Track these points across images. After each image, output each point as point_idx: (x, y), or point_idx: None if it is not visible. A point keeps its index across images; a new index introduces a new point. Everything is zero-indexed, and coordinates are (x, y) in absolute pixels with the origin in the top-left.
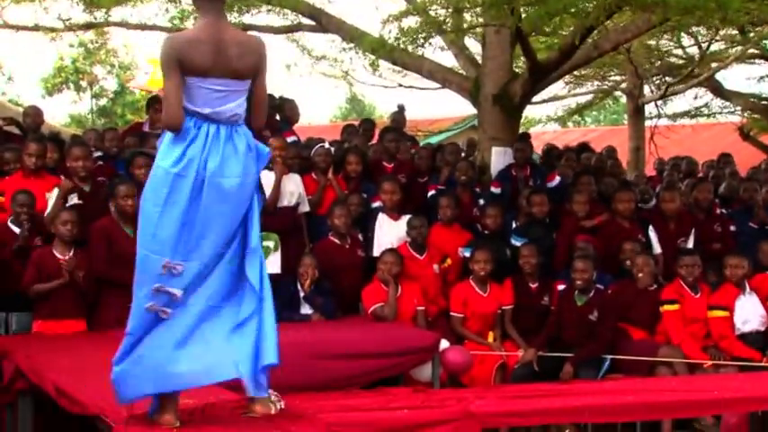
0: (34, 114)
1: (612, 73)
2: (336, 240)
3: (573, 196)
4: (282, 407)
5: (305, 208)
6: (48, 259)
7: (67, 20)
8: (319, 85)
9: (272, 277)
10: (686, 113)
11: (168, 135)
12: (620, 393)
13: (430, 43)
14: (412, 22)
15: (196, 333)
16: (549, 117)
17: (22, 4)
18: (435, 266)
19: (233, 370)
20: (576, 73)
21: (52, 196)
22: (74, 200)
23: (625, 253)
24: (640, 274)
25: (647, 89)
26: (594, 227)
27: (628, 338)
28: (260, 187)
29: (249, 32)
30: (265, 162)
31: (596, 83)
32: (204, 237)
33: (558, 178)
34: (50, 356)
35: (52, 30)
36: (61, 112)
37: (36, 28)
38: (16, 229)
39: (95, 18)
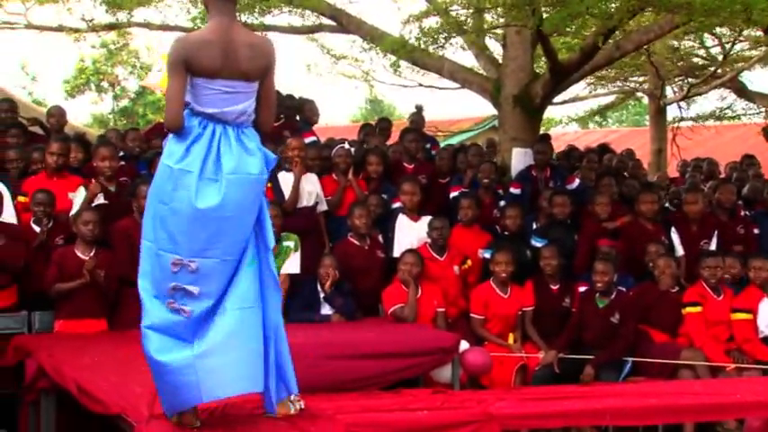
0: (58, 115)
1: (634, 74)
2: (356, 241)
3: (594, 198)
4: (302, 407)
5: (323, 207)
6: (69, 259)
7: (91, 21)
8: (339, 86)
9: (293, 277)
10: (710, 115)
11: (175, 134)
12: (641, 396)
13: (450, 43)
14: (432, 22)
15: (236, 339)
16: (569, 118)
17: (46, 5)
18: (456, 268)
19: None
20: (597, 74)
21: (76, 196)
22: (100, 200)
23: (650, 255)
24: (662, 276)
25: (669, 90)
26: (617, 229)
27: (649, 341)
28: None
29: (260, 34)
30: (271, 167)
31: (618, 84)
32: (223, 234)
33: (577, 181)
34: (72, 355)
35: (75, 30)
36: (83, 112)
37: (60, 29)
38: (37, 229)
39: (118, 19)
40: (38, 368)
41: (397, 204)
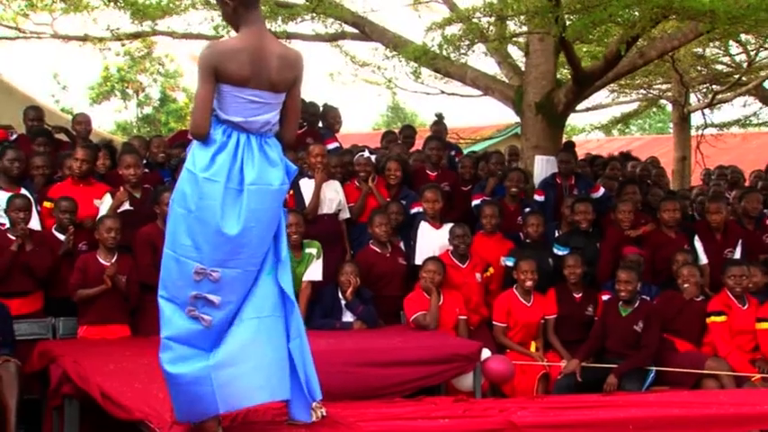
0: (84, 122)
1: (658, 81)
2: (377, 249)
3: (618, 206)
4: (324, 414)
5: (345, 215)
6: (92, 265)
7: (116, 29)
8: (361, 93)
9: (315, 285)
10: (734, 122)
11: (200, 142)
12: (665, 406)
13: (473, 51)
14: (455, 29)
15: (253, 348)
16: (593, 126)
17: (72, 15)
18: (477, 275)
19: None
20: (620, 81)
21: (103, 203)
22: (125, 206)
23: (675, 264)
24: (686, 285)
25: (693, 98)
26: (639, 237)
27: (674, 350)
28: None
29: (290, 45)
30: (292, 178)
31: (641, 91)
32: (245, 245)
33: (602, 190)
34: (96, 361)
35: (100, 40)
36: (107, 120)
37: (85, 38)
38: (61, 236)
39: (142, 28)
40: (62, 374)
41: (415, 210)
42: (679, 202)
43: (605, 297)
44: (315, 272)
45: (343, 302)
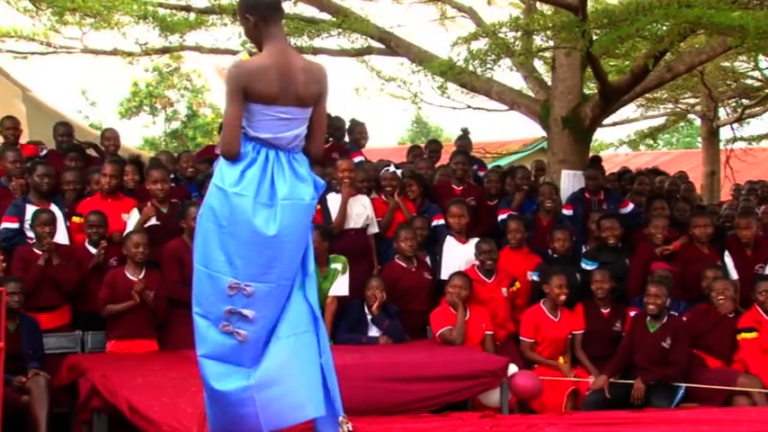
0: (112, 138)
1: (686, 95)
2: (403, 263)
3: (651, 221)
4: (351, 429)
5: (374, 230)
6: (120, 280)
7: (144, 44)
8: (386, 108)
9: (341, 299)
10: (764, 136)
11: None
12: (695, 423)
13: (499, 65)
14: (481, 44)
15: (293, 366)
16: (620, 140)
17: (102, 30)
18: (504, 290)
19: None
20: (648, 95)
21: (130, 218)
22: (152, 221)
23: (706, 279)
24: (720, 299)
25: (722, 112)
26: (671, 252)
27: (704, 367)
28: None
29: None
30: (320, 193)
31: (669, 105)
32: (279, 259)
33: (631, 205)
34: (124, 375)
35: (129, 54)
36: (136, 135)
37: (114, 52)
38: (93, 250)
39: (170, 42)
40: (91, 387)
41: (435, 222)
42: (710, 218)
43: (633, 313)
44: (341, 287)
45: (369, 317)
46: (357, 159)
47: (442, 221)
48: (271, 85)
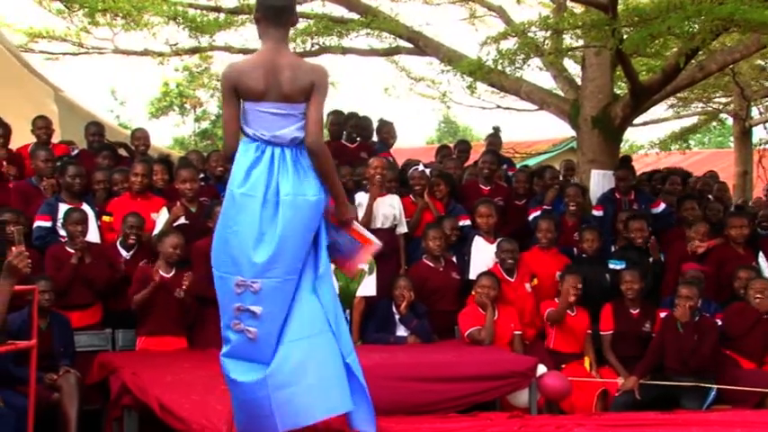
0: (143, 137)
1: (718, 94)
2: (430, 263)
3: (691, 225)
4: None
5: (402, 229)
6: (151, 275)
7: (174, 45)
8: (414, 108)
9: (368, 299)
10: None
11: (235, 160)
12: (726, 425)
13: (528, 65)
14: (510, 44)
15: (307, 367)
16: (651, 143)
17: (132, 31)
18: (527, 285)
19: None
20: (679, 95)
21: (159, 217)
22: (181, 220)
23: (740, 280)
24: (758, 298)
25: (754, 111)
26: (705, 252)
27: (737, 368)
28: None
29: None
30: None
31: (700, 105)
32: (281, 255)
33: (663, 205)
34: (154, 373)
35: (160, 54)
36: (165, 134)
37: (145, 53)
38: (124, 252)
39: (200, 43)
40: (121, 385)
41: (462, 222)
42: (747, 218)
43: (663, 314)
44: (368, 287)
45: (397, 317)
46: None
47: (467, 222)
48: (258, 81)
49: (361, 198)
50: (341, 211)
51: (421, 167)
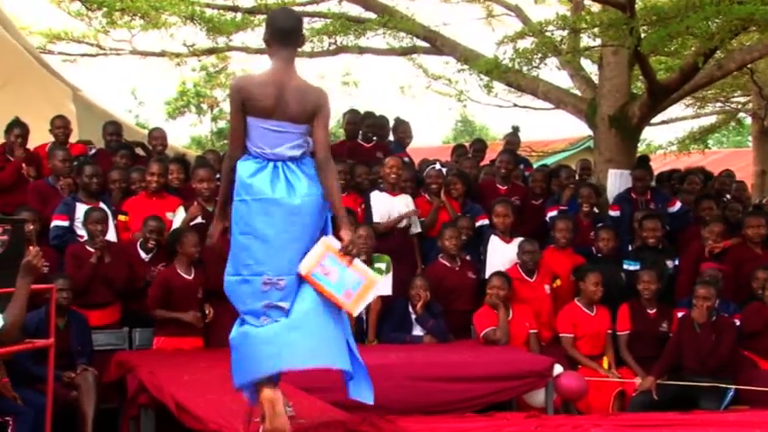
0: (160, 137)
1: (736, 94)
2: (447, 262)
3: (708, 224)
4: (291, 414)
5: (416, 229)
6: (175, 279)
7: (192, 45)
8: (431, 107)
9: (384, 299)
10: None
11: (240, 171)
12: (745, 426)
13: (545, 64)
14: (527, 43)
15: (314, 317)
16: (669, 142)
17: (150, 31)
18: (546, 287)
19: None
20: (697, 94)
21: (175, 216)
22: (198, 219)
23: (758, 281)
24: None
25: None
26: (722, 252)
27: (755, 368)
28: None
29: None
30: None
31: (718, 104)
32: (299, 251)
33: (678, 204)
34: (171, 372)
35: (177, 55)
36: (183, 134)
37: (162, 54)
38: (143, 254)
39: (217, 43)
40: (138, 384)
41: (480, 222)
42: (765, 218)
43: (681, 314)
44: (384, 286)
45: (413, 316)
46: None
47: (486, 222)
48: (267, 99)
49: (376, 197)
50: (342, 228)
51: (437, 166)
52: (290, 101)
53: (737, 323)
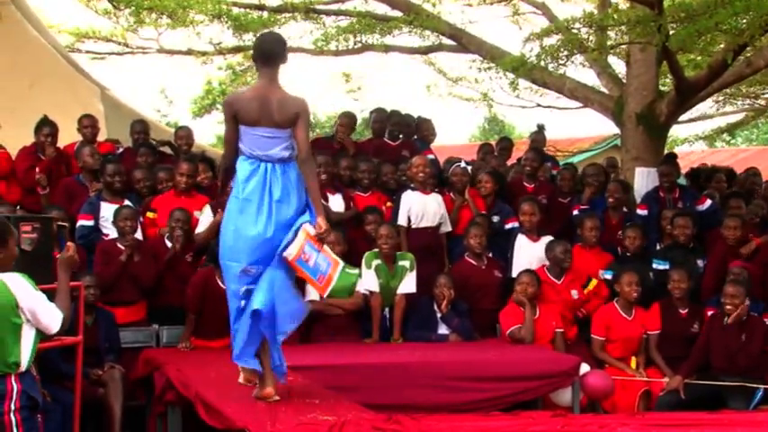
0: (186, 136)
1: (766, 91)
2: (473, 261)
3: (724, 221)
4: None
5: (447, 228)
6: (212, 283)
7: (218, 44)
8: (459, 105)
9: (409, 297)
10: None
11: (238, 172)
12: None
13: (572, 62)
14: (553, 40)
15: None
16: (696, 136)
17: (177, 30)
18: (574, 292)
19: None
20: (725, 91)
21: (202, 215)
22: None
23: None
24: None
25: None
26: (751, 251)
27: None
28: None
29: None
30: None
31: (747, 101)
32: (272, 245)
33: (708, 202)
34: (198, 370)
35: (203, 54)
36: (208, 132)
37: (189, 52)
38: (170, 245)
39: (243, 41)
40: (166, 381)
41: (510, 225)
42: None
43: (711, 313)
44: (409, 284)
45: (438, 315)
46: (429, 157)
47: (516, 224)
48: (253, 110)
49: (407, 197)
50: (317, 217)
51: (462, 164)
52: (273, 111)
53: (767, 321)
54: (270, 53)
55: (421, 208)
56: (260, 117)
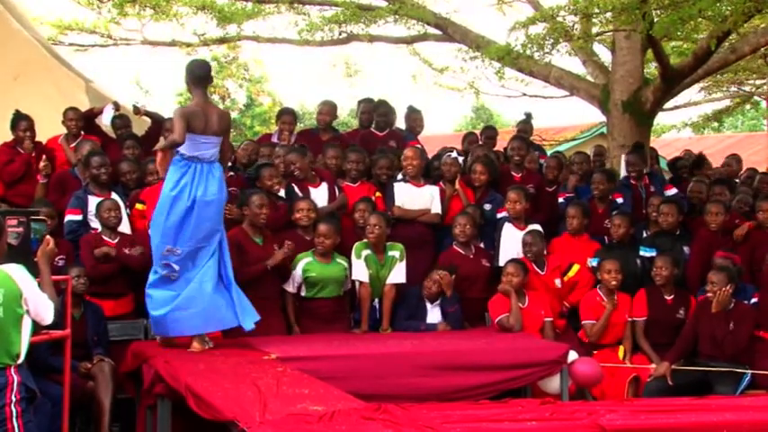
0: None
1: (751, 77)
2: (461, 250)
3: (706, 207)
4: (210, 346)
5: (434, 219)
6: (243, 241)
7: (202, 35)
8: (444, 95)
9: (399, 287)
10: None
11: (170, 170)
12: (761, 410)
13: (557, 50)
14: (539, 29)
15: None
16: (683, 123)
17: (161, 22)
18: (557, 281)
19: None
20: (711, 78)
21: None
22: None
23: None
24: None
25: None
26: (738, 237)
27: None
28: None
29: (371, 45)
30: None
31: (733, 88)
32: (195, 233)
33: (674, 189)
34: (187, 361)
35: (188, 45)
36: None
37: (173, 43)
38: None
39: (228, 32)
40: (155, 374)
41: (501, 214)
42: None
43: (700, 299)
44: (398, 274)
45: (428, 304)
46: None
47: (506, 214)
48: (200, 122)
49: (398, 188)
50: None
51: (453, 154)
52: (213, 122)
53: (755, 301)
54: (202, 76)
55: (410, 199)
56: (205, 127)
